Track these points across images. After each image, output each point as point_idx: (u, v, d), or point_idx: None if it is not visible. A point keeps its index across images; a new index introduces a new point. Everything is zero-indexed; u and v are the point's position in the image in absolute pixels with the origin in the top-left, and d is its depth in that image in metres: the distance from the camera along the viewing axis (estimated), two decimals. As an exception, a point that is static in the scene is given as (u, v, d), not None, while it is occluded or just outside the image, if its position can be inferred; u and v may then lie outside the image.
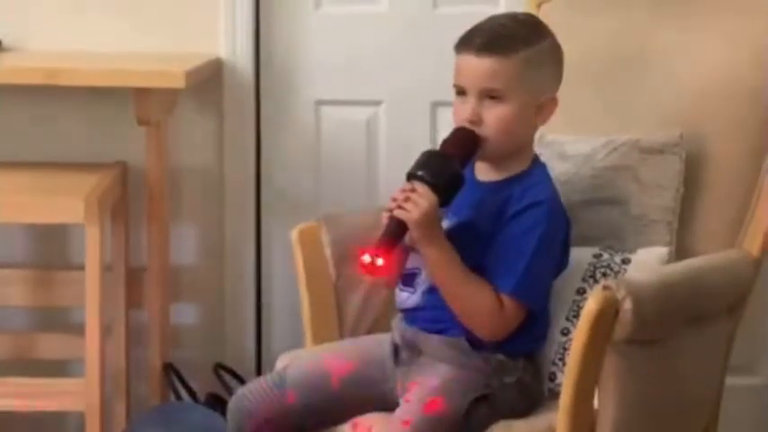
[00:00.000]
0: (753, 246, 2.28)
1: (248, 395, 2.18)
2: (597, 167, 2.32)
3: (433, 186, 2.04)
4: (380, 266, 1.99)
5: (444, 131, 3.05)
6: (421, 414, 2.01)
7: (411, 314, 2.17)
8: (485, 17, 2.20)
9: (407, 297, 2.17)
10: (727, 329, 2.25)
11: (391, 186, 3.06)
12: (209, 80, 3.05)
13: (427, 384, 2.06)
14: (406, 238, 2.05)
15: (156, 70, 2.82)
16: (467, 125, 2.10)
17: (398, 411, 2.05)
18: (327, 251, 2.39)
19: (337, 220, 2.44)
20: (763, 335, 3.07)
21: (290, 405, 2.15)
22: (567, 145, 2.36)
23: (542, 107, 2.13)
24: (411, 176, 2.06)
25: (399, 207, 2.03)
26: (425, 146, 3.08)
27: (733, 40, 2.38)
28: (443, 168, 2.06)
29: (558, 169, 2.28)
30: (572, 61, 2.19)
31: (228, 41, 3.09)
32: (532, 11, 2.58)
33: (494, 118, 2.09)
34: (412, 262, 2.14)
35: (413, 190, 2.04)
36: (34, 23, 3.09)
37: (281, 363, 2.30)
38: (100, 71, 2.83)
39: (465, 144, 2.10)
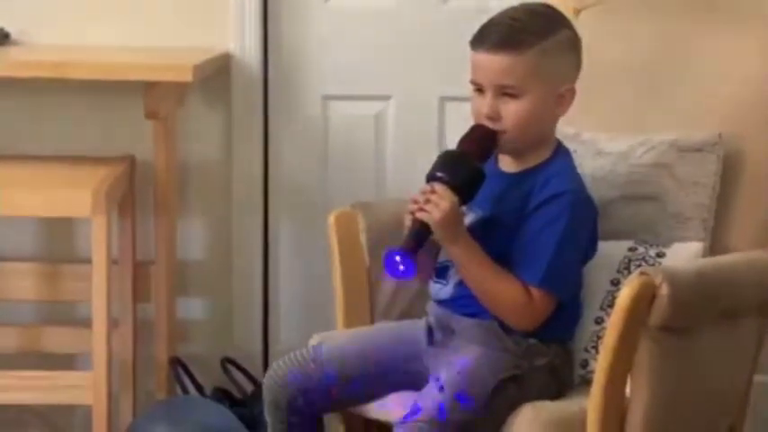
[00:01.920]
0: (786, 247, 2.31)
1: (284, 367, 2.20)
2: (634, 164, 2.33)
3: (453, 186, 2.04)
4: (407, 270, 2.02)
5: (452, 126, 3.09)
6: (451, 395, 2.03)
7: (445, 304, 2.18)
8: (494, 12, 2.18)
9: (440, 289, 2.18)
10: (757, 329, 2.26)
11: (400, 181, 3.09)
12: (217, 74, 3.05)
13: (458, 365, 2.08)
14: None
15: (165, 64, 2.82)
16: (485, 121, 2.10)
17: (428, 390, 2.06)
18: (363, 237, 2.41)
19: (372, 206, 2.47)
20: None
21: (325, 379, 2.17)
22: (604, 143, 2.37)
23: (562, 97, 2.12)
24: (430, 178, 2.07)
25: (421, 209, 2.04)
26: (434, 141, 3.11)
27: (766, 42, 2.38)
28: (462, 168, 2.07)
29: (593, 165, 2.30)
30: (612, 63, 2.22)
31: (237, 36, 3.09)
32: (571, 16, 2.58)
33: (511, 113, 2.09)
34: (444, 255, 2.16)
35: (433, 191, 2.04)
36: (43, 17, 3.09)
37: (315, 340, 2.32)
38: (108, 65, 2.83)
39: (483, 141, 2.10)
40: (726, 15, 2.46)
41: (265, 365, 3.14)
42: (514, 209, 2.11)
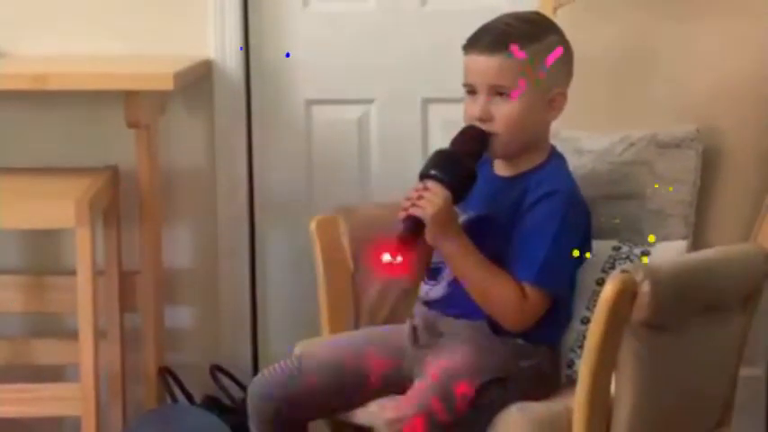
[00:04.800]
0: (767, 240, 2.29)
1: (268, 378, 2.21)
2: (614, 162, 2.34)
3: (446, 183, 2.06)
4: (399, 265, 2.02)
5: (436, 128, 3.09)
6: (437, 395, 2.03)
7: (434, 305, 2.19)
8: (474, 13, 2.21)
9: (430, 289, 2.19)
10: (741, 323, 2.26)
11: (384, 183, 3.09)
12: (199, 82, 3.05)
13: (445, 364, 2.08)
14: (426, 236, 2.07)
15: (145, 73, 2.82)
16: (477, 123, 2.13)
17: (414, 390, 2.06)
18: (345, 241, 2.41)
19: (354, 211, 2.47)
20: (759, 326, 3.06)
21: (309, 388, 2.17)
22: (584, 140, 2.38)
23: (552, 102, 2.15)
24: (423, 176, 2.09)
25: (414, 205, 2.05)
26: (418, 142, 3.11)
27: (747, 37, 2.40)
28: (454, 165, 2.09)
29: (573, 165, 2.30)
30: (589, 60, 2.23)
31: (218, 43, 3.08)
32: (549, 14, 2.59)
33: (503, 114, 2.11)
34: (437, 257, 2.17)
35: (426, 188, 2.06)
36: (22, 29, 3.08)
37: (298, 349, 2.32)
38: (89, 75, 2.83)
39: (474, 142, 2.12)
40: (702, 9, 2.47)
41: (255, 372, 3.13)
42: (508, 209, 2.13)
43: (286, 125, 3.14)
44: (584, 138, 2.38)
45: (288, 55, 3.06)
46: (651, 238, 2.27)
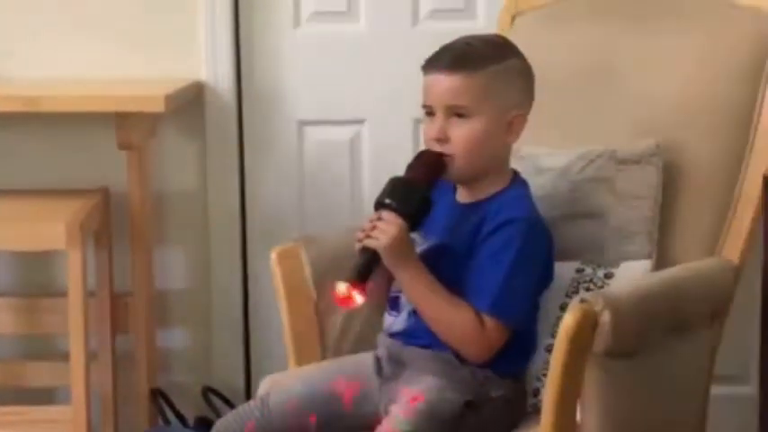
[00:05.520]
0: (733, 253, 2.28)
1: (232, 422, 2.17)
2: (574, 181, 2.30)
3: (400, 212, 2.04)
4: (355, 298, 2.01)
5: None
6: (403, 419, 2.00)
7: (398, 336, 2.16)
8: (465, 33, 2.20)
9: (393, 321, 2.16)
10: (709, 339, 2.24)
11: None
12: (190, 103, 3.05)
13: (411, 393, 2.05)
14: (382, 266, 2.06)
15: (136, 95, 2.82)
16: (434, 144, 2.11)
17: (383, 423, 2.03)
18: (307, 271, 2.39)
19: (316, 240, 2.45)
20: (751, 344, 3.06)
21: (272, 430, 2.13)
22: (543, 158, 2.35)
23: (511, 124, 2.12)
24: (378, 205, 2.07)
25: (368, 236, 2.03)
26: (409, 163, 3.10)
27: (704, 51, 2.38)
28: (409, 194, 2.07)
29: (534, 184, 2.26)
30: (546, 74, 2.20)
31: (209, 64, 3.09)
32: (506, 23, 2.59)
33: (460, 135, 2.09)
34: (396, 285, 2.14)
35: (380, 218, 2.04)
36: (13, 50, 3.08)
37: (263, 387, 2.30)
38: (80, 97, 2.83)
39: (430, 167, 2.10)
40: (662, 24, 2.45)
41: (247, 393, 3.13)
42: (467, 237, 2.10)
43: (278, 146, 3.14)
44: (543, 156, 2.35)
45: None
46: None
